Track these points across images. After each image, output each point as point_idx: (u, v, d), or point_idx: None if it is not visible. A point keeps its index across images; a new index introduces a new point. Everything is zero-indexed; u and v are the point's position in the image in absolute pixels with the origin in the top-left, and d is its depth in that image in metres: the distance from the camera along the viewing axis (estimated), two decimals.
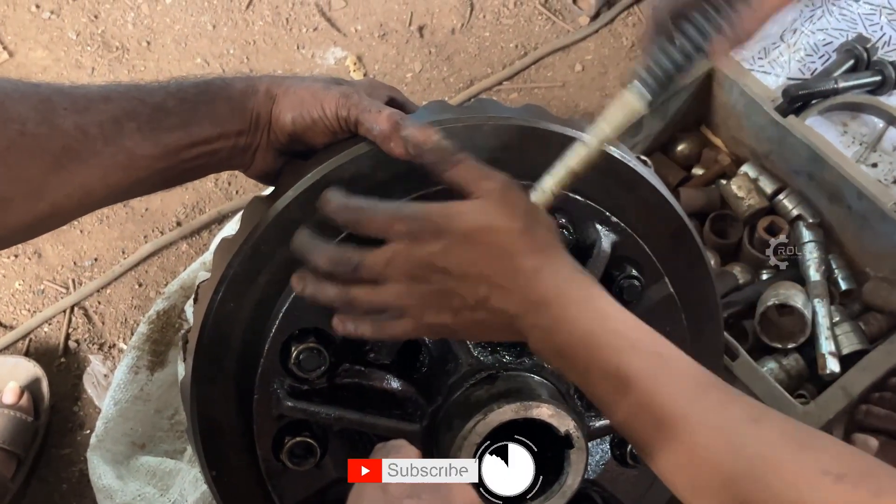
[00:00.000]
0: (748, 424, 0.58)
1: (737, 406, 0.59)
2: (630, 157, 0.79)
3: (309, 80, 0.74)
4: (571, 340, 0.61)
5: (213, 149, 0.71)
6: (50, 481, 1.31)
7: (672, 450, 0.59)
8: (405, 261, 0.62)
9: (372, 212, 0.64)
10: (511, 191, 0.64)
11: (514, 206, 0.63)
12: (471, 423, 0.69)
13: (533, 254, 0.62)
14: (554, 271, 0.63)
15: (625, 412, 0.61)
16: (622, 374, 0.60)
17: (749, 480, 0.55)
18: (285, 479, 0.76)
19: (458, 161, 0.65)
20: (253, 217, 0.73)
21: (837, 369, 1.17)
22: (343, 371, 0.75)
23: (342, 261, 0.64)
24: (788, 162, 1.29)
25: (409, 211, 0.63)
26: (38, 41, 1.65)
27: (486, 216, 0.62)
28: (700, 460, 0.58)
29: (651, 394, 0.59)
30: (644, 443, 0.61)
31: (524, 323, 0.62)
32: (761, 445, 0.56)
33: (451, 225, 0.62)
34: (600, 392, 0.62)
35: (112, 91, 0.68)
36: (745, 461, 0.56)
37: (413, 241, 0.62)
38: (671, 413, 0.59)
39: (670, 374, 0.60)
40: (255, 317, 0.72)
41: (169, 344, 1.27)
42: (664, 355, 0.62)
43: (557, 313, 0.61)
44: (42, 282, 1.46)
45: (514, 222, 0.62)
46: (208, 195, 1.52)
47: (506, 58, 1.61)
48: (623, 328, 0.62)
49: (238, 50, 1.64)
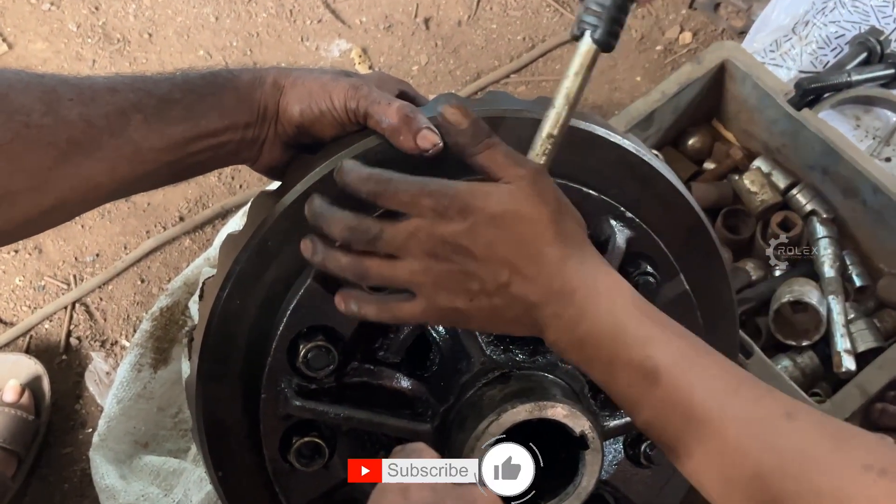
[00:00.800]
0: (782, 419, 0.56)
1: (770, 400, 0.58)
2: (644, 150, 0.78)
3: (317, 72, 0.73)
4: (596, 331, 0.60)
5: (220, 141, 0.70)
6: (51, 480, 1.31)
7: (702, 445, 0.58)
8: (427, 237, 0.61)
9: (398, 183, 0.62)
10: (542, 178, 0.63)
11: (544, 194, 0.62)
12: (484, 423, 0.68)
13: (559, 243, 0.61)
14: (580, 261, 0.62)
15: (651, 406, 0.60)
16: (650, 366, 0.59)
17: (784, 476, 0.54)
18: (293, 480, 0.75)
19: (491, 144, 0.63)
20: (260, 212, 0.72)
21: (853, 367, 1.16)
22: (352, 370, 0.74)
23: (361, 230, 0.62)
24: (802, 156, 1.28)
25: (436, 186, 0.62)
26: (38, 33, 1.64)
27: (516, 201, 0.61)
28: (731, 455, 0.57)
29: (681, 387, 0.58)
30: (671, 438, 0.60)
31: (544, 313, 0.61)
32: (797, 440, 0.55)
33: (480, 205, 0.61)
34: (624, 386, 0.61)
35: (118, 82, 0.67)
36: (779, 456, 0.55)
37: (438, 218, 0.61)
38: (702, 407, 0.58)
39: (702, 368, 0.59)
40: (262, 314, 0.72)
41: (172, 341, 1.27)
42: (695, 348, 0.61)
43: (582, 303, 0.60)
44: (43, 278, 1.46)
45: (543, 210, 0.62)
46: (211, 190, 1.51)
47: (513, 50, 1.61)
48: (651, 321, 0.61)
49: (241, 42, 1.63)
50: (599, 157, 0.75)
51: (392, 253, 0.62)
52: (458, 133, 0.64)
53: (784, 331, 1.22)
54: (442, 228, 0.61)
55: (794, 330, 1.22)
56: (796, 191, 1.31)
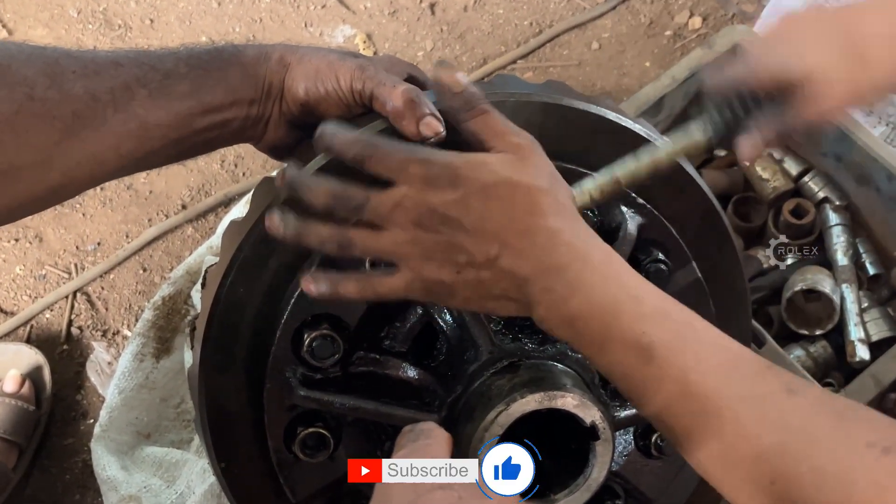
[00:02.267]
0: (783, 395, 0.55)
1: (770, 376, 0.56)
2: (656, 135, 0.77)
3: (324, 51, 0.72)
4: (587, 307, 0.58)
5: (225, 118, 0.69)
6: (52, 472, 1.30)
7: (700, 424, 0.56)
8: (415, 205, 0.59)
9: (387, 147, 0.60)
10: (537, 150, 0.62)
11: (539, 166, 0.61)
12: (492, 413, 0.67)
13: (553, 216, 0.59)
14: (573, 235, 0.60)
15: (645, 385, 0.58)
16: (644, 343, 0.57)
17: (786, 453, 0.53)
18: (297, 471, 0.75)
19: (484, 110, 0.62)
20: (263, 198, 0.71)
21: (867, 357, 1.15)
22: (357, 359, 0.73)
23: (346, 197, 0.60)
24: (814, 142, 1.27)
25: (426, 153, 0.60)
26: (38, 19, 1.63)
27: (509, 171, 0.59)
28: (731, 435, 0.55)
29: (676, 364, 0.56)
30: (667, 417, 0.58)
31: (534, 288, 0.59)
32: (798, 417, 0.54)
33: (472, 175, 0.59)
34: (617, 364, 0.59)
35: (121, 57, 0.65)
36: (781, 433, 0.53)
37: (427, 186, 0.59)
38: (698, 385, 0.56)
39: (699, 344, 0.57)
40: (265, 303, 0.71)
41: (175, 330, 1.26)
42: (691, 325, 0.59)
43: (574, 278, 0.58)
44: (44, 266, 1.45)
45: (538, 182, 0.60)
46: (214, 177, 1.50)
47: (520, 35, 1.60)
48: (646, 295, 0.59)
49: (244, 28, 1.62)
50: (610, 142, 0.73)
51: (377, 222, 0.60)
52: (452, 96, 0.62)
53: (797, 320, 1.21)
54: (431, 197, 0.58)
55: (807, 319, 1.21)
56: (809, 178, 1.30)
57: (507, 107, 0.70)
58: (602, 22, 1.59)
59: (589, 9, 1.61)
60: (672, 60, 1.52)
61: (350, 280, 0.62)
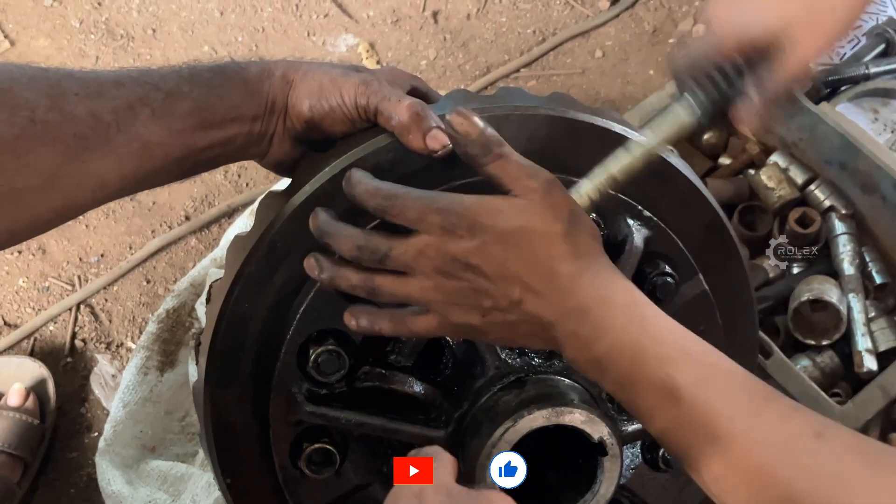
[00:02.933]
0: (811, 439, 0.55)
1: (798, 419, 0.56)
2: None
3: (327, 66, 0.72)
4: (613, 350, 0.59)
5: (228, 135, 0.69)
6: (57, 486, 1.30)
7: (727, 466, 0.56)
8: (436, 254, 0.60)
9: (405, 199, 0.61)
10: (554, 191, 0.62)
11: (556, 208, 0.61)
12: (500, 430, 0.67)
13: (572, 259, 0.60)
14: (593, 276, 0.60)
15: (674, 427, 0.58)
16: (670, 384, 0.57)
17: (816, 499, 0.52)
18: (303, 487, 0.74)
19: (501, 155, 0.62)
20: (268, 213, 0.71)
21: (875, 367, 1.14)
22: (363, 374, 0.73)
23: (369, 248, 0.62)
24: (820, 151, 1.26)
25: (444, 202, 0.61)
26: (41, 29, 1.63)
27: (526, 217, 0.60)
28: (759, 478, 0.55)
29: (702, 407, 0.57)
30: (695, 460, 0.58)
31: (560, 331, 0.60)
32: (828, 461, 0.53)
33: (490, 223, 0.60)
34: (645, 405, 0.60)
35: (124, 76, 0.66)
36: (810, 479, 0.53)
37: (446, 235, 0.60)
38: (726, 427, 0.56)
39: (725, 385, 0.58)
40: (271, 318, 0.71)
41: (179, 343, 1.26)
42: (716, 365, 0.59)
43: (597, 321, 0.59)
44: (47, 279, 1.45)
45: (555, 225, 0.60)
46: (217, 188, 1.50)
47: (523, 44, 1.59)
48: (670, 336, 0.60)
49: (246, 37, 1.62)
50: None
51: (402, 270, 0.61)
52: (468, 143, 0.62)
53: (803, 330, 1.20)
54: (451, 246, 0.60)
55: (814, 329, 1.20)
56: (814, 186, 1.29)
57: (511, 120, 0.70)
58: (605, 30, 1.59)
59: (592, 17, 1.60)
60: None
61: (384, 318, 0.64)
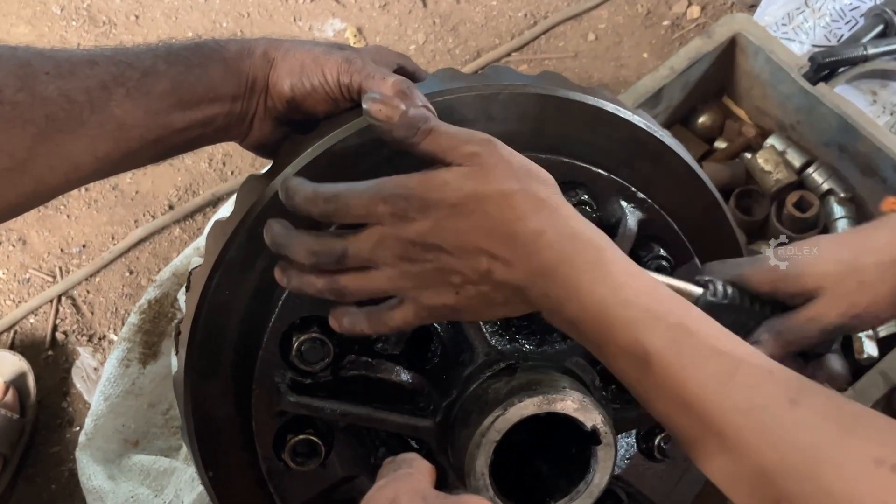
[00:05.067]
0: (783, 406, 0.53)
1: (771, 385, 0.54)
2: (656, 126, 0.76)
3: (310, 44, 0.70)
4: (583, 312, 0.57)
5: (207, 116, 0.68)
6: (37, 481, 1.30)
7: (702, 436, 0.55)
8: (394, 242, 0.58)
9: (348, 197, 0.59)
10: (495, 149, 0.59)
11: (500, 166, 0.58)
12: (489, 418, 0.66)
13: (531, 216, 0.57)
14: (557, 233, 0.57)
15: (647, 392, 0.57)
16: (640, 349, 0.56)
17: (789, 472, 0.51)
18: (288, 480, 0.74)
19: (430, 130, 0.59)
20: (249, 197, 0.70)
21: (875, 353, 1.13)
22: (348, 363, 0.72)
23: (324, 251, 0.60)
24: (818, 133, 1.25)
25: (389, 189, 0.58)
26: (21, 16, 1.62)
27: (472, 183, 0.57)
28: (734, 449, 0.53)
29: (673, 373, 0.55)
30: (672, 426, 0.57)
31: (532, 294, 0.58)
32: (801, 432, 0.51)
33: (437, 197, 0.57)
34: (619, 369, 0.58)
35: (97, 55, 0.64)
36: (783, 449, 0.51)
37: (399, 222, 0.58)
38: (697, 397, 0.54)
39: (694, 350, 0.55)
40: (252, 305, 0.70)
41: (162, 334, 1.25)
42: (688, 327, 0.56)
43: (565, 281, 0.57)
44: (27, 270, 1.44)
45: (504, 184, 0.57)
46: (202, 176, 1.49)
47: (514, 27, 1.59)
48: (639, 297, 0.57)
49: (231, 23, 1.61)
50: (609, 135, 0.72)
51: (363, 265, 0.60)
52: (392, 129, 0.59)
53: None
54: (406, 231, 0.58)
55: None
56: (812, 169, 1.28)
57: (501, 99, 0.68)
58: (598, 12, 1.58)
59: None
60: (670, 51, 1.51)
61: (361, 317, 0.63)
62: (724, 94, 1.39)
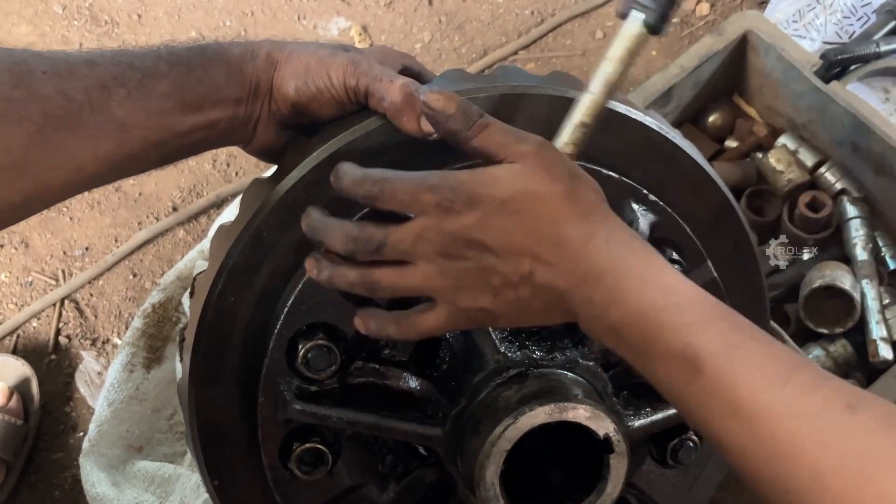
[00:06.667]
0: (841, 412, 0.51)
1: (827, 390, 0.53)
2: (668, 127, 0.75)
3: (314, 46, 0.70)
4: (629, 316, 0.56)
5: (210, 119, 0.67)
6: (41, 488, 1.30)
7: (753, 442, 0.53)
8: (436, 235, 0.57)
9: (395, 182, 0.58)
10: (549, 151, 0.59)
11: (553, 167, 0.58)
12: (500, 427, 0.65)
13: (580, 220, 0.57)
14: (606, 238, 0.57)
15: (693, 398, 0.55)
16: (690, 353, 0.54)
17: (845, 478, 0.49)
18: (294, 489, 0.73)
19: (485, 125, 0.59)
20: (254, 201, 0.69)
21: (890, 356, 1.13)
22: (356, 370, 0.71)
23: (363, 239, 0.59)
24: (830, 132, 1.24)
25: (436, 180, 0.58)
26: (22, 16, 1.62)
27: (525, 181, 0.57)
28: (785, 456, 0.51)
29: (725, 377, 0.53)
30: (717, 433, 0.55)
31: (574, 300, 0.57)
32: (859, 437, 0.50)
33: (487, 192, 0.57)
34: (664, 376, 0.56)
35: (96, 56, 0.64)
36: (838, 456, 0.50)
37: (444, 213, 0.57)
38: (750, 399, 0.53)
39: (748, 354, 0.54)
40: (257, 311, 0.69)
41: (166, 339, 1.25)
42: (739, 332, 0.55)
43: (612, 285, 0.56)
44: (30, 273, 1.44)
45: (556, 185, 0.57)
46: (206, 178, 1.49)
47: (521, 25, 1.58)
48: (690, 301, 0.56)
49: (235, 22, 1.61)
50: (620, 136, 0.71)
51: (402, 259, 0.59)
52: (448, 119, 0.59)
53: (815, 318, 1.19)
54: (450, 224, 0.57)
55: (826, 317, 1.19)
56: (825, 169, 1.28)
57: (509, 101, 0.67)
58: (606, 10, 1.57)
59: None
60: (680, 49, 1.50)
61: (389, 321, 0.62)
62: (734, 92, 1.39)
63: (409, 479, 0.75)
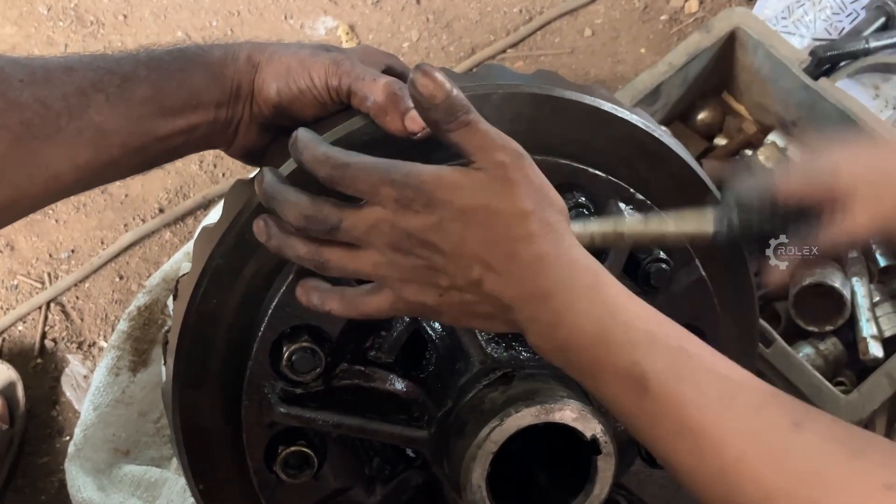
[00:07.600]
0: (787, 430, 0.51)
1: (774, 409, 0.53)
2: (654, 125, 0.74)
3: (295, 47, 0.69)
4: (576, 336, 0.56)
5: (190, 124, 0.67)
6: (27, 492, 1.29)
7: (699, 462, 0.53)
8: (390, 229, 0.57)
9: (357, 169, 0.57)
10: (523, 166, 0.57)
11: (521, 185, 0.57)
12: (486, 429, 0.64)
13: (536, 240, 0.56)
14: (557, 258, 0.57)
15: (641, 417, 0.55)
16: (637, 373, 0.54)
17: (795, 498, 0.49)
18: (280, 492, 0.72)
19: (468, 122, 0.57)
20: (236, 202, 0.68)
21: (881, 354, 1.13)
22: (341, 372, 0.71)
23: (318, 219, 0.58)
24: (820, 129, 1.24)
25: (400, 174, 0.57)
26: (7, 17, 1.62)
27: (488, 195, 0.56)
28: (734, 475, 0.51)
29: (671, 396, 0.54)
30: (666, 453, 0.55)
31: (520, 315, 0.57)
32: (806, 457, 0.50)
33: (447, 198, 0.56)
34: (612, 395, 0.56)
35: (74, 61, 0.63)
36: (786, 476, 0.50)
37: (401, 210, 0.56)
38: (697, 419, 0.53)
39: (695, 372, 0.54)
40: (241, 314, 0.69)
41: (152, 342, 1.25)
42: (687, 351, 0.55)
43: (560, 306, 0.56)
44: (15, 276, 1.44)
45: (520, 204, 0.56)
46: (192, 179, 1.49)
47: (509, 23, 1.58)
48: (638, 320, 0.56)
49: (221, 21, 1.61)
50: (606, 134, 0.71)
51: (353, 242, 0.58)
52: (431, 108, 0.57)
53: (805, 316, 1.18)
54: (406, 221, 0.56)
55: (816, 315, 1.18)
56: None
57: (494, 99, 0.67)
58: (594, 7, 1.58)
59: None
60: (668, 46, 1.51)
61: (334, 297, 0.61)
62: (723, 89, 1.39)
63: (396, 482, 0.74)
